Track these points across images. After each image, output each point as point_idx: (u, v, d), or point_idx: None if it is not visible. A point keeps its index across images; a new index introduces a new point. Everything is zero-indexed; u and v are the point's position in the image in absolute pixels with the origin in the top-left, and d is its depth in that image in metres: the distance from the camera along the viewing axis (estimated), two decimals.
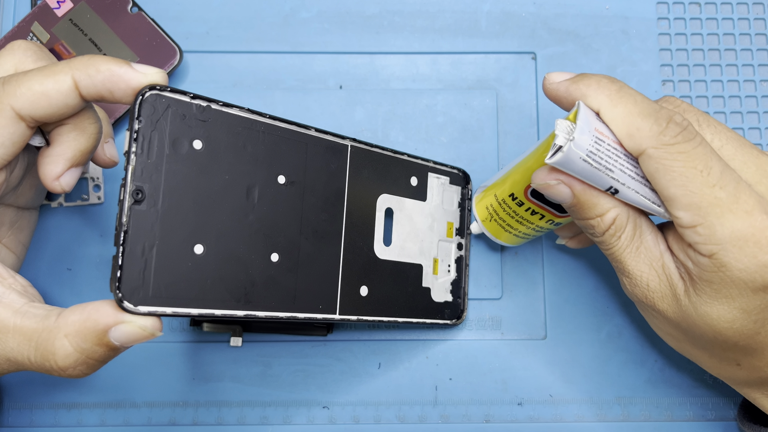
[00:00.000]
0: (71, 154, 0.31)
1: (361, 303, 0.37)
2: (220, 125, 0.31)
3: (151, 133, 0.29)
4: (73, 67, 0.29)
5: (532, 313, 0.42)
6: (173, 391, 0.40)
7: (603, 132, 0.29)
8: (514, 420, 0.41)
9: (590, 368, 0.41)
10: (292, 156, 0.34)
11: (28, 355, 0.28)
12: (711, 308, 0.29)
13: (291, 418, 0.40)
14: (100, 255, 0.41)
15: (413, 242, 0.39)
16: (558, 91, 0.31)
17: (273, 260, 0.33)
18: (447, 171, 0.41)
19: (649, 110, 0.29)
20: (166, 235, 0.29)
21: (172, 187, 0.29)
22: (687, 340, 0.33)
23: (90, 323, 0.27)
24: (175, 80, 0.43)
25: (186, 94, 0.30)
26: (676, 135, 0.28)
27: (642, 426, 0.41)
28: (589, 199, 0.30)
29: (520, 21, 0.45)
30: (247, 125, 0.32)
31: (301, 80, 0.44)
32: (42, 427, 0.40)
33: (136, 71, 0.29)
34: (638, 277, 0.31)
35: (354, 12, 0.45)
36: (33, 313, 0.29)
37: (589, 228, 0.32)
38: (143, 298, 0.28)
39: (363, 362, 0.41)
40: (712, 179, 0.28)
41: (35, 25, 0.41)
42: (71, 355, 0.28)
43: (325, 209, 0.35)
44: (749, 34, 0.45)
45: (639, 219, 0.31)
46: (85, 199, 0.42)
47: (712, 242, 0.28)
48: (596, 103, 0.30)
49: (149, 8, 0.44)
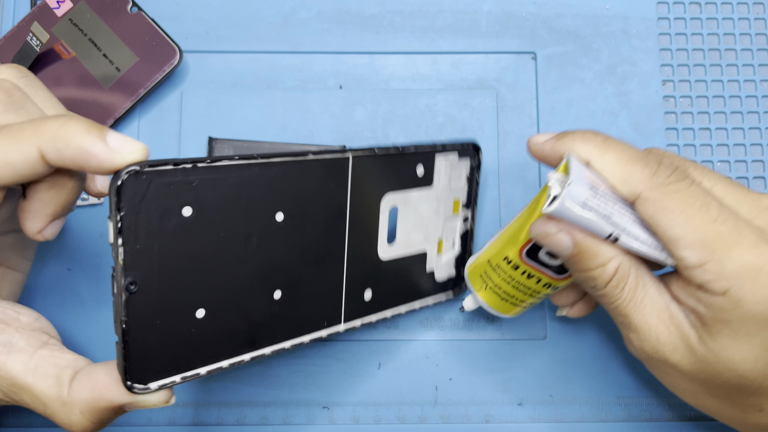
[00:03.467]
0: (51, 210, 0.29)
1: (364, 307, 0.36)
2: (210, 183, 0.28)
3: (136, 218, 0.26)
4: (40, 137, 0.26)
5: (532, 313, 0.42)
6: (173, 391, 0.40)
7: (596, 180, 0.29)
8: (514, 420, 0.41)
9: (590, 368, 0.41)
10: (290, 189, 0.31)
11: (41, 410, 0.29)
12: (731, 351, 0.28)
13: (291, 418, 0.40)
14: (100, 255, 0.41)
15: (418, 231, 0.38)
16: (543, 150, 0.31)
17: (275, 298, 0.32)
18: (456, 146, 0.38)
19: (638, 155, 0.29)
20: (166, 311, 0.28)
21: (166, 264, 0.28)
22: (704, 392, 0.31)
23: (103, 404, 0.28)
24: (175, 80, 0.43)
25: (167, 163, 0.27)
26: (669, 175, 0.28)
27: (643, 426, 0.41)
28: (590, 248, 0.30)
29: (520, 21, 0.45)
30: (239, 173, 0.29)
31: (301, 80, 0.44)
32: (42, 427, 0.40)
33: (111, 150, 0.26)
34: (646, 330, 0.30)
35: (354, 12, 0.45)
36: (44, 373, 0.29)
37: (591, 281, 0.30)
38: (151, 376, 0.28)
39: (363, 362, 0.41)
40: (712, 215, 0.28)
41: (35, 25, 0.41)
42: (87, 427, 0.29)
43: (326, 230, 0.34)
44: (749, 34, 0.45)
45: (640, 269, 0.30)
46: (84, 199, 0.41)
47: (723, 278, 0.27)
48: (585, 154, 0.30)
49: (149, 8, 0.44)
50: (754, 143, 0.44)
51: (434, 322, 0.41)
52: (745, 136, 0.44)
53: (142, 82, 0.42)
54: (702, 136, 0.44)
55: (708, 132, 0.44)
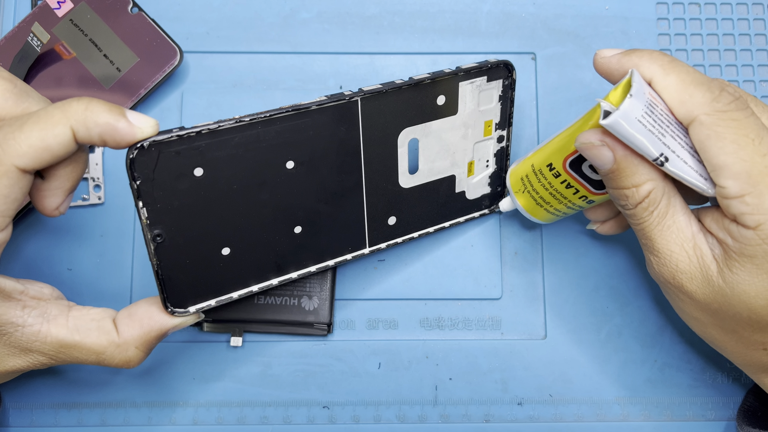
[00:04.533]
0: (69, 185, 0.32)
1: (390, 231, 0.39)
2: (215, 145, 0.31)
3: (152, 183, 0.31)
4: (71, 118, 0.29)
5: (532, 313, 0.42)
6: (173, 391, 0.40)
7: (656, 99, 0.29)
8: (514, 420, 0.41)
9: (590, 368, 0.41)
10: (297, 139, 0.33)
11: (93, 359, 0.33)
12: (750, 286, 0.29)
13: (291, 418, 0.40)
14: (100, 255, 0.41)
15: (443, 159, 0.38)
16: (609, 64, 0.31)
17: (296, 232, 0.36)
18: (484, 70, 0.37)
19: (701, 79, 0.29)
20: (193, 253, 0.33)
21: (187, 216, 0.32)
22: (714, 323, 0.32)
23: (154, 333, 0.33)
24: (175, 80, 0.43)
25: (171, 132, 0.30)
26: (729, 102, 0.28)
27: (642, 426, 0.41)
28: (628, 166, 0.30)
29: (519, 21, 0.45)
30: (242, 132, 0.32)
31: (301, 80, 0.44)
32: (42, 427, 0.40)
33: (132, 125, 0.29)
34: (667, 256, 0.31)
35: (354, 12, 0.45)
36: (86, 328, 0.33)
37: (623, 199, 0.31)
38: (188, 301, 0.34)
39: (363, 362, 0.41)
40: (764, 148, 0.28)
41: (35, 25, 0.41)
42: (142, 358, 0.34)
43: (341, 170, 0.35)
44: (749, 35, 0.45)
45: (674, 198, 0.31)
46: (85, 199, 0.42)
47: (759, 212, 0.28)
48: (648, 73, 0.30)
49: (149, 8, 0.44)
50: None
51: (434, 322, 0.42)
52: None
53: (143, 82, 0.42)
54: None
55: None
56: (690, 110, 0.29)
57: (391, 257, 0.42)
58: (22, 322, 0.32)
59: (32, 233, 0.41)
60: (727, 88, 0.29)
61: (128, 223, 0.42)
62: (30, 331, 0.32)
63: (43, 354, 0.33)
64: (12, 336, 0.32)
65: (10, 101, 0.31)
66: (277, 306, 0.40)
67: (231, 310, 0.40)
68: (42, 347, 0.32)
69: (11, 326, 0.32)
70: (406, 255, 0.42)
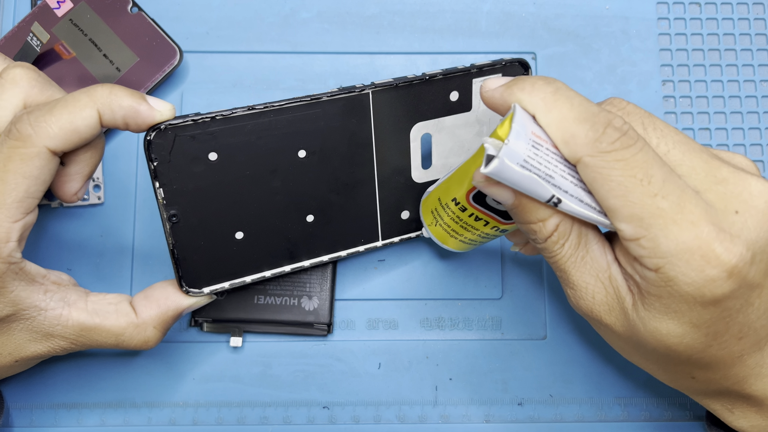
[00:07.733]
0: (89, 170, 0.33)
1: (403, 225, 0.39)
2: (229, 131, 0.33)
3: (168, 165, 0.32)
4: (97, 102, 0.30)
5: (532, 313, 0.42)
6: (173, 391, 0.40)
7: (540, 136, 0.27)
8: (514, 420, 0.41)
9: (590, 368, 0.41)
10: (308, 129, 0.34)
11: (112, 342, 0.34)
12: (660, 323, 0.28)
13: (291, 418, 0.40)
14: (100, 255, 0.41)
15: (457, 155, 0.38)
16: (494, 98, 0.30)
17: (309, 221, 0.36)
18: (498, 68, 0.37)
19: (585, 114, 0.27)
20: (207, 235, 0.34)
21: (201, 199, 0.34)
22: (639, 354, 0.31)
23: (171, 312, 0.35)
24: (175, 80, 0.43)
25: (187, 117, 0.32)
26: (613, 141, 0.26)
27: (642, 426, 0.41)
28: (529, 202, 0.29)
29: (520, 21, 0.45)
30: (254, 120, 0.33)
31: (301, 80, 0.44)
32: (42, 427, 0.40)
33: (152, 108, 0.31)
34: (583, 288, 0.30)
35: (354, 12, 0.45)
36: (105, 311, 0.34)
37: (531, 233, 0.30)
38: (202, 282, 0.35)
39: (363, 362, 0.41)
40: (654, 188, 0.26)
41: (35, 25, 0.41)
42: (160, 338, 0.35)
43: (353, 161, 0.36)
44: (749, 34, 0.45)
45: (585, 227, 0.30)
46: (85, 199, 0.42)
47: (657, 255, 0.27)
48: (531, 108, 0.28)
49: (149, 8, 0.44)
50: (753, 143, 0.44)
51: (434, 322, 0.42)
52: (745, 137, 0.44)
53: (143, 82, 0.42)
54: (702, 137, 0.44)
55: (708, 132, 0.44)
56: (574, 151, 0.27)
57: (391, 257, 0.42)
58: (45, 306, 0.33)
59: (32, 233, 0.41)
60: (614, 122, 0.27)
61: (128, 223, 0.42)
62: (52, 314, 0.33)
63: (64, 338, 0.33)
64: (35, 320, 0.33)
65: (36, 89, 0.32)
66: (277, 306, 0.40)
67: (231, 310, 0.40)
68: (63, 331, 0.33)
69: (35, 310, 0.32)
70: (407, 255, 0.42)
